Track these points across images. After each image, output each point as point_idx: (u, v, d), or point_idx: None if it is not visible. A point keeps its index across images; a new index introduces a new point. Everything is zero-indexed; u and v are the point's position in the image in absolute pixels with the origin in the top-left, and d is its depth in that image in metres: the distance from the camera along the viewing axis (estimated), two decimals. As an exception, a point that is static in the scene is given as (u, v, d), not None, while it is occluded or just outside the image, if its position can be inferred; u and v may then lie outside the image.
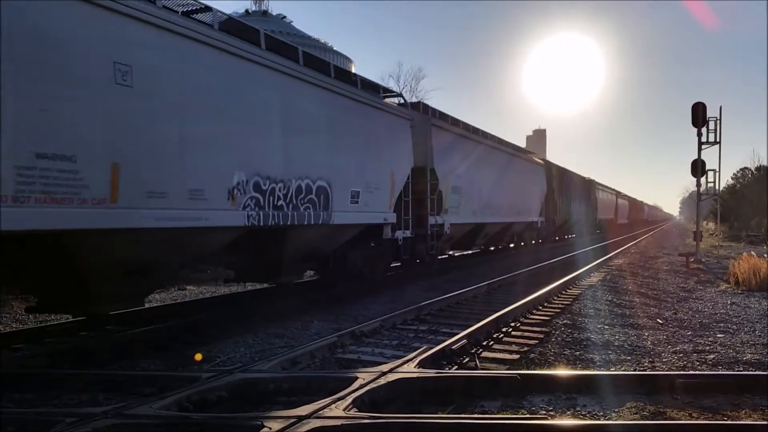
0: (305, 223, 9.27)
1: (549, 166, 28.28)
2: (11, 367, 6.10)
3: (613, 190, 55.40)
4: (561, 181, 30.70)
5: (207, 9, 7.59)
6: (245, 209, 7.95)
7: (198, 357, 6.84)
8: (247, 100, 8.05)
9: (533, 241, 26.94)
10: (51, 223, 5.55)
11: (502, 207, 20.42)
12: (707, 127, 21.68)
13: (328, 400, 4.48)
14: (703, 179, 22.47)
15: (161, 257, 7.30)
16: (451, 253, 20.12)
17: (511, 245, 24.29)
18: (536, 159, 27.09)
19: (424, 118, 14.61)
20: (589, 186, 39.27)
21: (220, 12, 7.80)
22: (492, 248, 23.31)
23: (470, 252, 22.41)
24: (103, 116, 6.01)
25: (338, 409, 4.30)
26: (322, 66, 9.97)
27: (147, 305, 10.29)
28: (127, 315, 9.23)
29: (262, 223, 8.26)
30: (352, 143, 10.73)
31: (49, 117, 5.50)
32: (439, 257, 16.20)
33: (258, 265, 9.50)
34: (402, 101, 13.81)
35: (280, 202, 8.69)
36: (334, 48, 56.95)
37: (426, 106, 15.61)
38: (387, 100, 12.68)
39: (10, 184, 5.17)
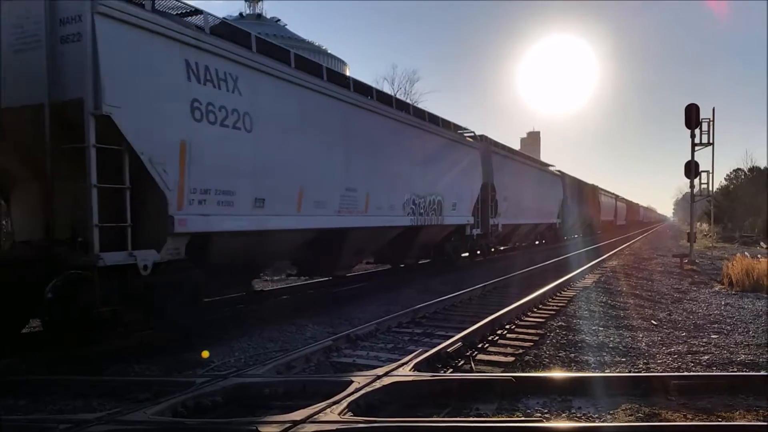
0: (432, 223, 14.65)
1: (563, 176, 33.04)
2: (4, 373, 6.07)
3: (613, 194, 59.87)
4: (572, 188, 35.49)
5: (390, 96, 13.65)
6: (408, 215, 13.37)
7: (205, 354, 7.07)
8: (414, 151, 13.72)
9: (553, 239, 32.44)
10: (347, 224, 10.87)
11: (532, 211, 25.60)
12: (700, 128, 21.79)
13: (323, 404, 4.47)
14: (696, 180, 22.57)
15: (371, 243, 12.87)
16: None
17: (537, 243, 31.01)
18: (555, 171, 32.22)
19: (486, 146, 19.46)
20: (594, 192, 43.92)
21: (396, 98, 13.77)
22: (524, 244, 28.42)
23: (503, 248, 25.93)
24: (364, 165, 11.24)
25: (333, 414, 4.30)
26: (435, 119, 15.23)
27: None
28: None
29: (414, 224, 13.64)
30: (451, 169, 15.72)
31: (350, 168, 10.78)
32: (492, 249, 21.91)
33: (393, 253, 14.71)
34: (472, 134, 18.48)
35: (421, 210, 14.00)
36: (329, 51, 57.09)
37: (485, 136, 19.94)
38: (464, 134, 17.83)
39: (336, 204, 10.44)
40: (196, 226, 7.30)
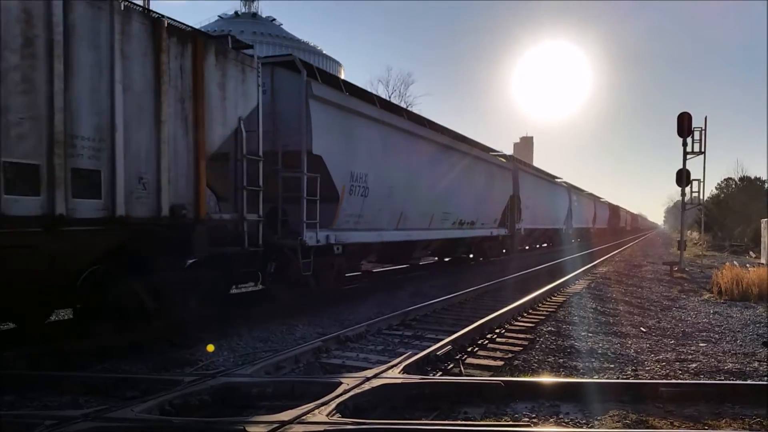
0: None
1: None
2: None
3: (625, 209, 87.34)
4: (611, 209, 58.19)
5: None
6: None
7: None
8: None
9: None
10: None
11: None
12: (692, 137, 21.91)
13: (311, 405, 4.46)
14: (687, 189, 22.68)
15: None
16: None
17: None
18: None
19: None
20: (617, 209, 70.05)
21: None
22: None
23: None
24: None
25: (321, 415, 4.28)
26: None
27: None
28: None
29: None
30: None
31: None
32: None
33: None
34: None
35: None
36: (324, 51, 57.13)
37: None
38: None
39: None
40: None
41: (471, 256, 21.02)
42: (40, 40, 5.66)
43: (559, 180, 35.33)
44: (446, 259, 20.43)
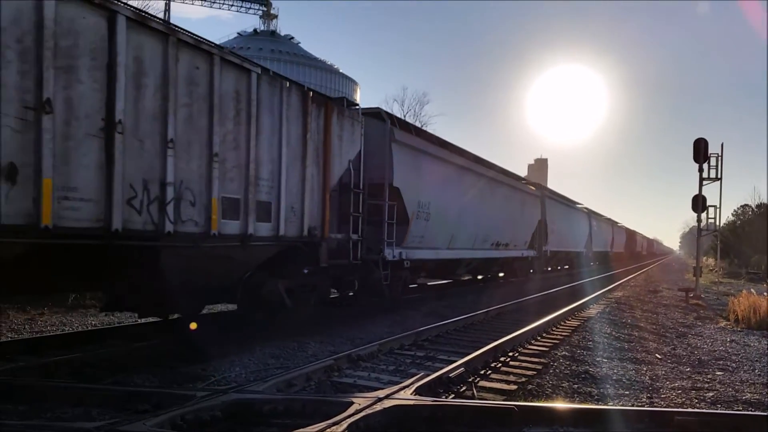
0: None
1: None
2: (3, 377, 6.05)
3: (641, 234, 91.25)
4: (628, 233, 63.42)
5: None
6: None
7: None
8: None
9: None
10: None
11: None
12: (709, 163, 21.76)
13: (323, 424, 4.42)
14: (703, 215, 22.48)
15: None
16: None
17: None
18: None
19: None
20: (634, 234, 75.33)
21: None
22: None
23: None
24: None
25: (333, 434, 4.25)
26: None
27: (144, 320, 10.22)
28: (122, 330, 9.21)
29: None
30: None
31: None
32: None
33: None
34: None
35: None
36: (340, 70, 57.56)
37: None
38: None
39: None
40: None
41: (502, 274, 22.78)
42: (243, 111, 7.95)
43: (580, 206, 35.78)
44: (479, 277, 21.75)
